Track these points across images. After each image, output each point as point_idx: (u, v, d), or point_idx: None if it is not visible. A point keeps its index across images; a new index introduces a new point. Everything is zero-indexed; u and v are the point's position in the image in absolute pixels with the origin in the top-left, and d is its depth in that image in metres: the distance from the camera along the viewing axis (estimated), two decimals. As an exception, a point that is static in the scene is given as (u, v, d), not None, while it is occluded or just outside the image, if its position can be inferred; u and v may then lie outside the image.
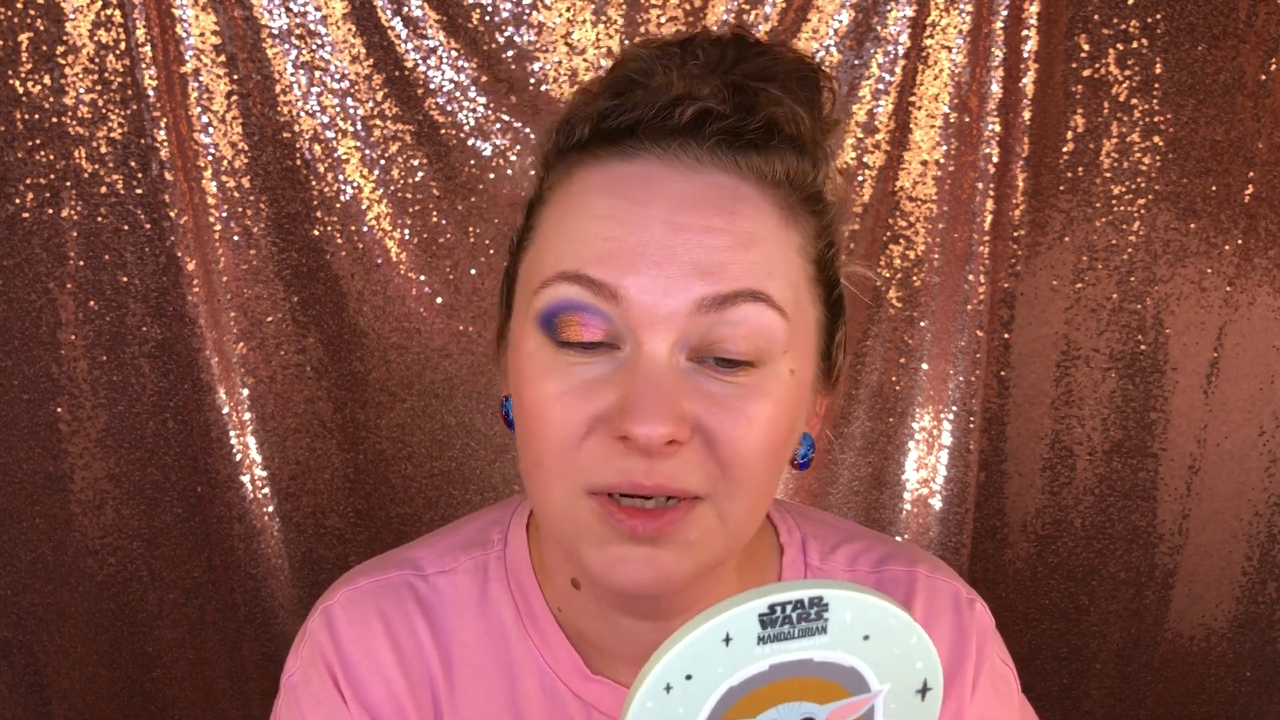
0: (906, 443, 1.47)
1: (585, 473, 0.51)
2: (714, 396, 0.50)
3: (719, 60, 0.55)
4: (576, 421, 0.50)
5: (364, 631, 0.63)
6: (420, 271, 1.37)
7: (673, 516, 0.50)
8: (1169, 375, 1.47)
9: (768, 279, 0.51)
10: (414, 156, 1.34)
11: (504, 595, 0.63)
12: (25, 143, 1.28)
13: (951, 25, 1.32)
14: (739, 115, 0.52)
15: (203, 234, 1.32)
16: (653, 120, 0.52)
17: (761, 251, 0.51)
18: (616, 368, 0.50)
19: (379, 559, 0.67)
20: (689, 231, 0.50)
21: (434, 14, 1.29)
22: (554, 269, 0.51)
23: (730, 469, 0.51)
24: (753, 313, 0.50)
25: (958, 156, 1.36)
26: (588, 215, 0.51)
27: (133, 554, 1.45)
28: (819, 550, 0.66)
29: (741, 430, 0.50)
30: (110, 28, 1.26)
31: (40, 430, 1.39)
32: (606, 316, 0.50)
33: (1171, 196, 1.40)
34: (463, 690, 0.62)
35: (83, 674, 1.49)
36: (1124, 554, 1.55)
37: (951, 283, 1.39)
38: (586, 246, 0.50)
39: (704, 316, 0.50)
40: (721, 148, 0.52)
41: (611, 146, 0.53)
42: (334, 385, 1.41)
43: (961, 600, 0.66)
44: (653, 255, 0.49)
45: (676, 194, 0.51)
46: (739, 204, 0.51)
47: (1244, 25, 1.34)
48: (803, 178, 0.54)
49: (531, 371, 0.52)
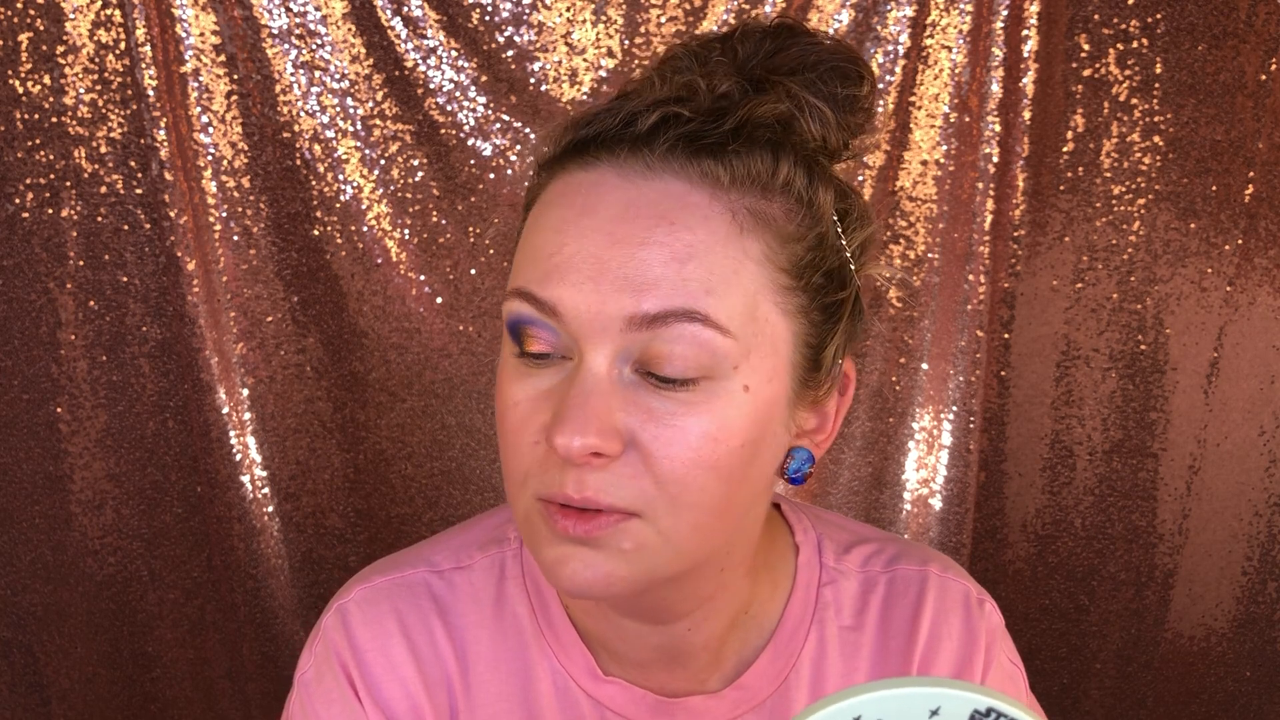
0: (906, 443, 1.47)
1: (532, 480, 0.52)
2: (651, 411, 0.50)
3: (753, 53, 0.54)
4: (529, 430, 0.51)
5: (379, 629, 0.63)
6: (420, 271, 1.37)
7: (601, 521, 0.50)
8: (1169, 375, 1.47)
9: (705, 296, 0.49)
10: (414, 156, 1.34)
11: (520, 594, 0.63)
12: (25, 143, 1.28)
13: (951, 25, 1.32)
14: (705, 119, 0.51)
15: (203, 234, 1.32)
16: (614, 128, 0.52)
17: (701, 265, 0.49)
18: (564, 378, 0.51)
19: (394, 556, 0.67)
20: (625, 245, 0.49)
21: (434, 14, 1.29)
22: (513, 283, 0.52)
23: (666, 485, 0.50)
24: (688, 332, 0.49)
25: (958, 156, 1.36)
26: (542, 227, 0.52)
27: (133, 554, 1.45)
28: (834, 551, 0.66)
29: (676, 447, 0.49)
30: (110, 28, 1.26)
31: (40, 430, 1.39)
32: (554, 330, 0.50)
33: (1171, 196, 1.40)
34: (478, 688, 0.62)
35: (83, 674, 1.49)
36: (1124, 554, 1.55)
37: (951, 283, 1.39)
38: (535, 262, 0.51)
39: (638, 333, 0.49)
40: (675, 153, 0.51)
41: (578, 156, 0.53)
42: (334, 385, 1.41)
43: (972, 600, 0.66)
44: (587, 270, 0.49)
45: (620, 203, 0.50)
46: (683, 213, 0.50)
47: (1244, 25, 1.34)
48: (774, 179, 0.52)
49: (503, 378, 0.53)
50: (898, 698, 0.36)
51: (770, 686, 0.62)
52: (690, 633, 0.60)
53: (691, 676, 0.62)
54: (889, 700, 0.36)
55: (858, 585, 0.65)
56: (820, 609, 0.64)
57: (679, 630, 0.60)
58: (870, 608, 0.65)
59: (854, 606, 0.65)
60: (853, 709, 0.36)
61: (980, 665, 0.65)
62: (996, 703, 0.37)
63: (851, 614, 0.64)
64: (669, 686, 0.62)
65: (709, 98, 0.52)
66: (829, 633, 0.64)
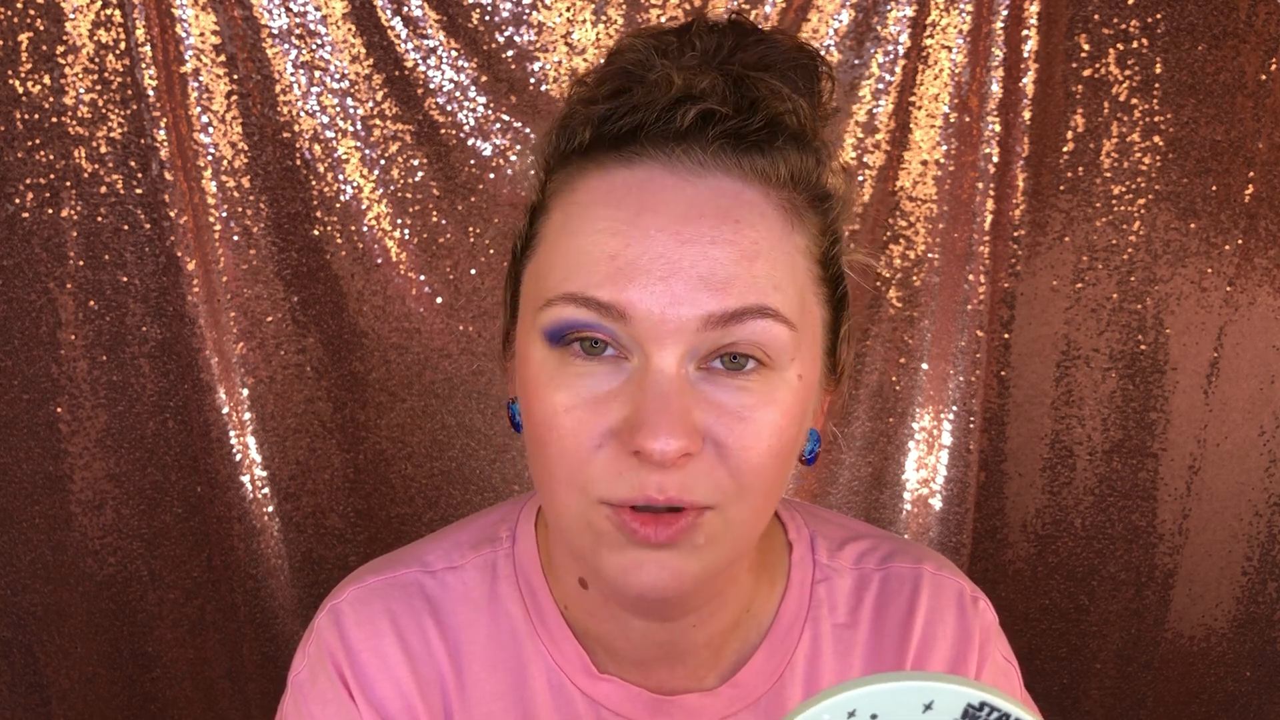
0: (906, 443, 1.47)
1: (598, 484, 0.51)
2: (723, 406, 0.50)
3: (716, 49, 0.54)
4: (588, 435, 0.51)
5: (372, 629, 0.63)
6: (420, 271, 1.37)
7: (683, 524, 0.51)
8: (1169, 375, 1.47)
9: (774, 292, 0.50)
10: (414, 156, 1.34)
11: (513, 593, 0.63)
12: (25, 143, 1.28)
13: (951, 25, 1.32)
14: (741, 115, 0.51)
15: (203, 234, 1.32)
16: (655, 123, 0.51)
17: (767, 262, 0.50)
18: (625, 379, 0.50)
19: (387, 557, 0.67)
20: (694, 244, 0.49)
21: (434, 14, 1.29)
22: (559, 288, 0.50)
23: (740, 476, 0.51)
24: (760, 327, 0.50)
25: (958, 156, 1.36)
26: (590, 229, 0.50)
27: (133, 554, 1.45)
28: (827, 548, 0.67)
29: (751, 439, 0.51)
30: (110, 28, 1.26)
31: (40, 430, 1.39)
32: (613, 333, 0.50)
33: (1171, 196, 1.40)
34: (472, 687, 0.62)
35: (83, 674, 1.49)
36: (1124, 554, 1.55)
37: (951, 283, 1.39)
38: (591, 266, 0.50)
39: (711, 332, 0.49)
40: (725, 150, 0.51)
41: (613, 152, 0.52)
42: (334, 385, 1.41)
43: (966, 598, 0.66)
44: (658, 271, 0.49)
45: (681, 203, 0.50)
46: (743, 211, 0.50)
47: (1244, 25, 1.34)
48: (806, 175, 0.53)
49: (540, 382, 0.52)
50: (892, 692, 0.37)
51: (766, 684, 0.62)
52: (694, 629, 0.60)
53: (689, 674, 0.62)
54: (883, 695, 0.37)
55: (852, 582, 0.66)
56: (815, 606, 0.64)
57: (683, 627, 0.60)
58: (864, 605, 0.65)
59: (848, 604, 0.65)
60: (847, 703, 0.37)
61: (974, 662, 0.65)
62: (990, 697, 0.37)
63: (846, 611, 0.65)
64: (666, 684, 0.62)
65: (733, 93, 0.52)
66: (823, 630, 0.64)
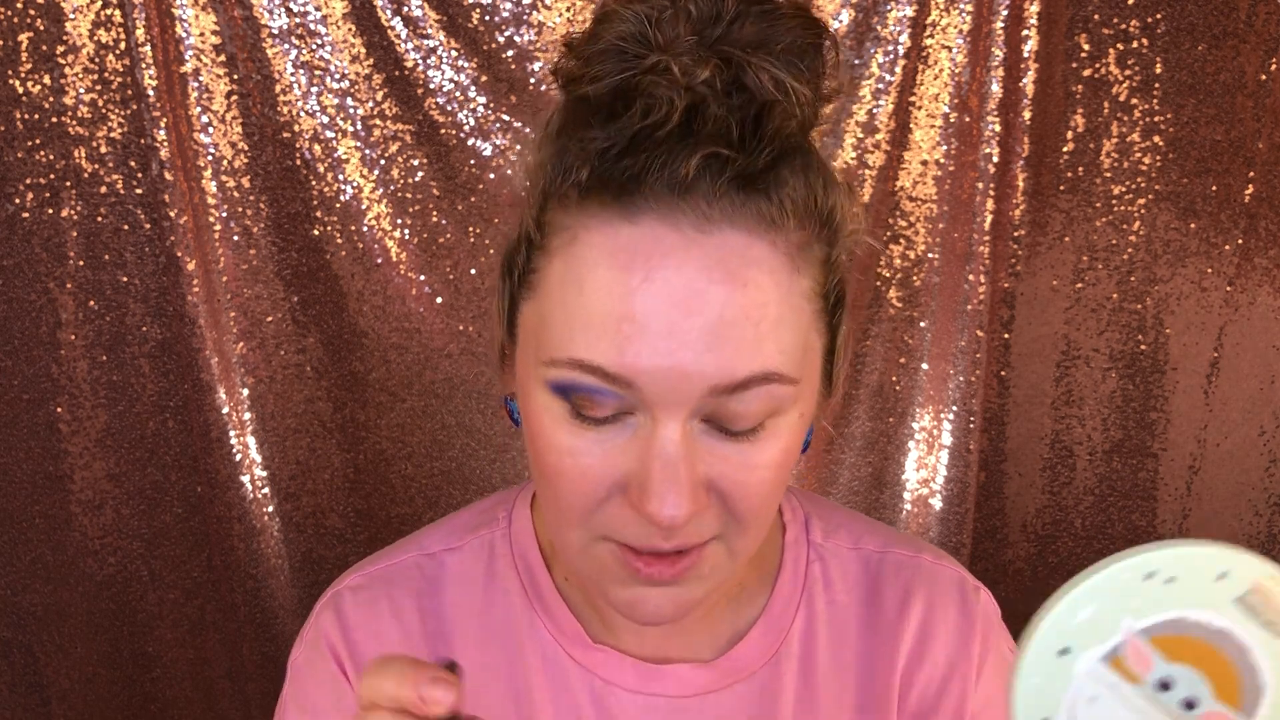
0: (906, 443, 1.47)
1: (605, 527, 0.52)
2: (726, 458, 0.51)
3: (714, 18, 0.50)
4: (595, 485, 0.51)
5: (370, 612, 0.64)
6: (420, 271, 1.37)
7: (688, 563, 0.52)
8: (1169, 375, 1.47)
9: (779, 355, 0.49)
10: (414, 156, 1.34)
11: (509, 569, 0.65)
12: (25, 143, 1.28)
13: (951, 25, 1.32)
14: (747, 152, 0.48)
15: (203, 234, 1.32)
16: (658, 172, 0.48)
17: (773, 324, 0.49)
18: (632, 435, 0.50)
19: (389, 546, 0.69)
20: (701, 314, 0.47)
21: (434, 14, 1.29)
22: (564, 351, 0.49)
23: (743, 515, 0.52)
24: (764, 391, 0.49)
25: (958, 156, 1.36)
26: (594, 288, 0.48)
27: (133, 554, 1.45)
28: (822, 528, 0.67)
29: (754, 485, 0.51)
30: (110, 28, 1.26)
31: (40, 430, 1.39)
32: (619, 395, 0.49)
33: (1171, 196, 1.40)
34: (465, 658, 0.63)
35: (83, 674, 1.49)
36: (1124, 554, 1.55)
37: (951, 283, 1.39)
38: (597, 330, 0.48)
39: (716, 398, 0.49)
40: (726, 197, 0.48)
41: (614, 202, 0.49)
42: (334, 385, 1.41)
43: (968, 587, 0.67)
44: (663, 343, 0.47)
45: (689, 266, 0.48)
46: (751, 271, 0.48)
47: (1244, 25, 1.34)
48: (810, 207, 0.51)
49: (544, 424, 0.52)
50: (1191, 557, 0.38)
51: (761, 660, 0.63)
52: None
53: (685, 644, 0.63)
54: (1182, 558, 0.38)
55: (847, 564, 0.66)
56: (810, 585, 0.65)
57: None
58: (860, 586, 0.66)
59: (844, 584, 0.66)
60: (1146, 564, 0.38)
61: (977, 653, 0.65)
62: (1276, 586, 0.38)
63: (841, 590, 0.66)
64: (661, 651, 0.63)
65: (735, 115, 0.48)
66: (818, 608, 0.65)
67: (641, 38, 0.50)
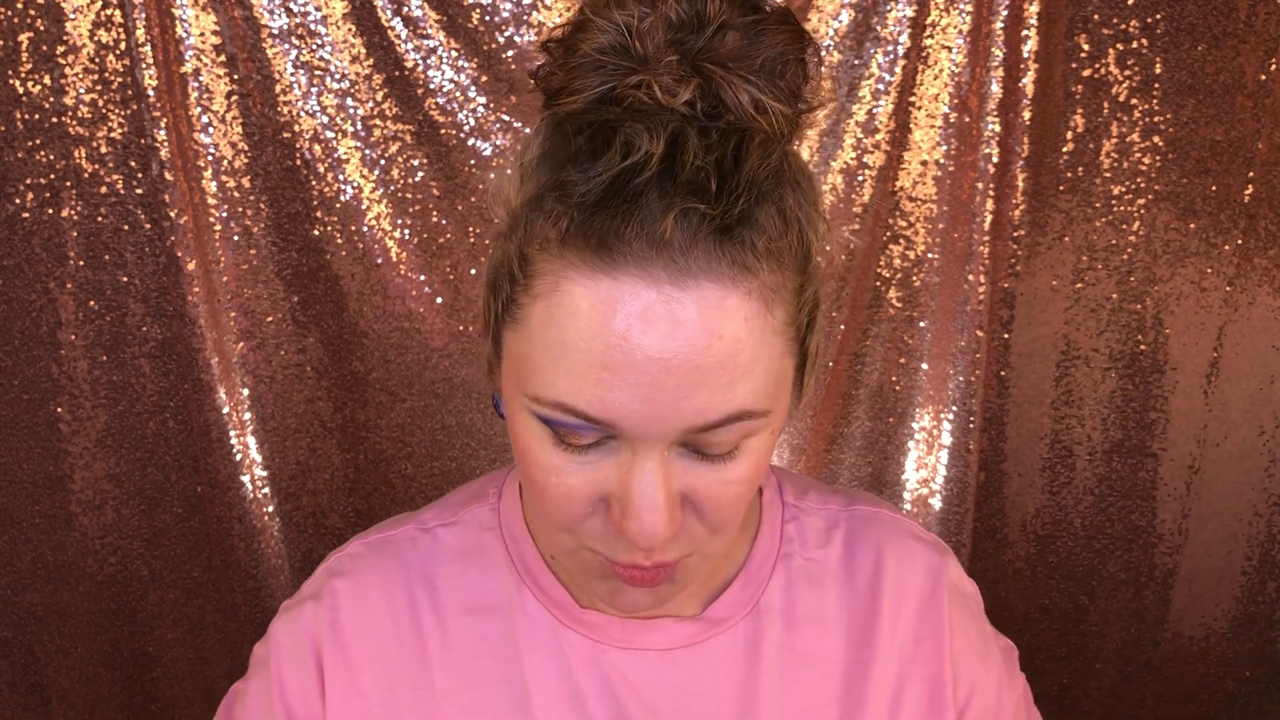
0: (906, 443, 1.47)
1: (589, 538, 0.56)
2: (701, 476, 0.54)
3: (696, 22, 0.50)
4: (580, 501, 0.54)
5: (360, 580, 0.68)
6: (420, 271, 1.37)
7: (666, 574, 0.57)
8: (1169, 375, 1.47)
9: (752, 396, 0.51)
10: (414, 156, 1.34)
11: (497, 544, 0.68)
12: (25, 143, 1.28)
13: (951, 25, 1.32)
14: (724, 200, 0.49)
15: (203, 234, 1.32)
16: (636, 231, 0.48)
17: (748, 371, 0.51)
18: (615, 458, 0.53)
19: (390, 519, 0.73)
20: (679, 371, 0.49)
21: (434, 14, 1.29)
22: (547, 392, 0.51)
23: (718, 526, 0.56)
24: (738, 428, 0.52)
25: (958, 156, 1.36)
26: (576, 340, 0.50)
27: (133, 554, 1.45)
28: (793, 490, 0.72)
29: (728, 497, 0.54)
30: (110, 28, 1.26)
31: (40, 430, 1.39)
32: (601, 430, 0.52)
33: (1171, 196, 1.40)
34: (457, 632, 0.67)
35: (83, 674, 1.49)
36: (1124, 554, 1.55)
37: (951, 283, 1.39)
38: (579, 378, 0.50)
39: (692, 435, 0.52)
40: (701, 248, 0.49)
41: (593, 255, 0.49)
42: (334, 385, 1.41)
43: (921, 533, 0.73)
44: (643, 391, 0.50)
45: (666, 323, 0.49)
46: (727, 323, 0.49)
47: (1244, 25, 1.34)
48: (785, 246, 0.51)
49: (530, 444, 0.54)
50: None
51: (741, 611, 0.67)
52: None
53: (669, 604, 0.67)
54: None
55: (818, 521, 0.71)
56: (785, 543, 0.70)
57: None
58: (834, 541, 0.70)
59: (817, 540, 0.70)
60: None
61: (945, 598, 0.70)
62: None
63: (815, 546, 0.70)
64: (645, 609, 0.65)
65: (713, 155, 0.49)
66: (795, 564, 0.69)
67: (621, 49, 0.50)
